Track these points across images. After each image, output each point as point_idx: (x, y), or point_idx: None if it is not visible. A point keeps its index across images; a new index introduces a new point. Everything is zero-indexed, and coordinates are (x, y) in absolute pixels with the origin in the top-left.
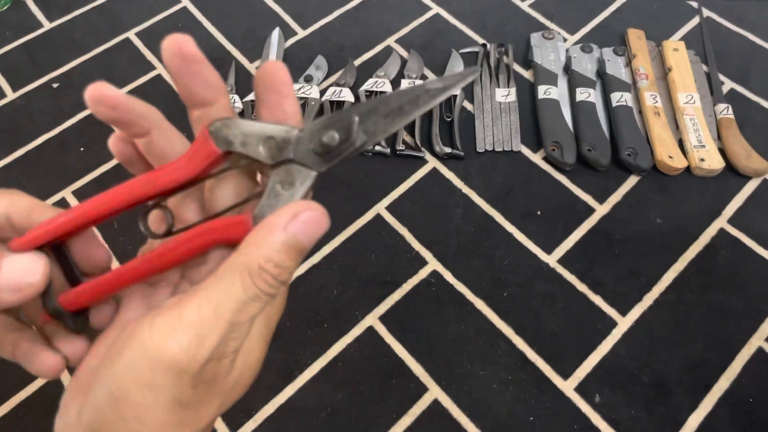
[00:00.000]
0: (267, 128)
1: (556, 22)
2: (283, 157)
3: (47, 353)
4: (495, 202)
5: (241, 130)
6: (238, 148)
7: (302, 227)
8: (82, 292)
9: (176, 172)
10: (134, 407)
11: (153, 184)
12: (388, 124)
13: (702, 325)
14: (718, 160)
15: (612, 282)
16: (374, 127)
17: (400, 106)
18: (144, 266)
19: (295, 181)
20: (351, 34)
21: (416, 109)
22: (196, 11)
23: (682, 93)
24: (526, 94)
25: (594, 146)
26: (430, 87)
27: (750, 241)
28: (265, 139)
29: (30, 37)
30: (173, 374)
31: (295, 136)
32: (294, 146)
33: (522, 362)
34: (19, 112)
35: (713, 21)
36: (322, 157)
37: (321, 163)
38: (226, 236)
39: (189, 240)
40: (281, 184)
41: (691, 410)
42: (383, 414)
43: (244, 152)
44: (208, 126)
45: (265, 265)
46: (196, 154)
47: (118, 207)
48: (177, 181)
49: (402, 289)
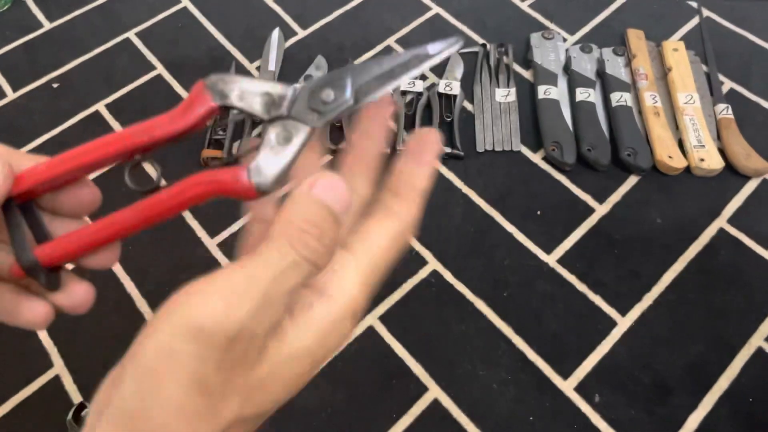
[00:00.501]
0: (264, 85)
1: (556, 22)
2: (279, 113)
3: (34, 301)
4: (495, 202)
5: (238, 85)
6: (234, 102)
7: (324, 191)
8: (62, 244)
9: (171, 124)
10: (152, 379)
11: (146, 134)
12: (380, 85)
13: (702, 325)
14: (718, 160)
15: (612, 282)
16: (367, 87)
17: (391, 68)
18: (132, 216)
19: (291, 136)
20: (351, 34)
21: (406, 72)
22: (196, 11)
23: (682, 93)
24: (526, 94)
25: (594, 146)
26: (419, 53)
27: (750, 241)
28: (261, 94)
29: (30, 37)
30: (198, 342)
31: (291, 93)
32: (290, 103)
33: (522, 362)
34: (19, 112)
35: (713, 21)
36: (318, 113)
37: (316, 119)
38: (222, 187)
39: (182, 191)
40: (277, 138)
41: (691, 410)
42: (383, 414)
43: (240, 106)
44: (204, 79)
45: (304, 225)
46: (191, 106)
47: (106, 158)
48: (171, 132)
49: (402, 289)
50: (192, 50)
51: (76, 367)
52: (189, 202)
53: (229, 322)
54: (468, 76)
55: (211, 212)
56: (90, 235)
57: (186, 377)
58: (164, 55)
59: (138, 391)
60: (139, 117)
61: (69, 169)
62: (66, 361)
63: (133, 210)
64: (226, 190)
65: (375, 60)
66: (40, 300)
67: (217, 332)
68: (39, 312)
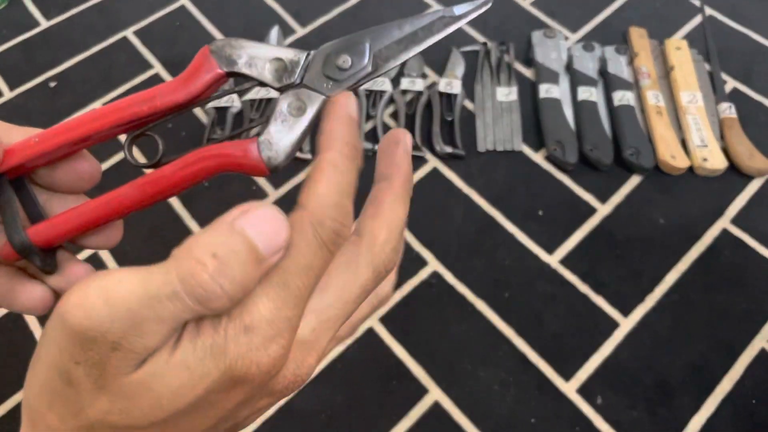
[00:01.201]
0: (274, 50)
1: (558, 20)
2: (292, 81)
3: (33, 285)
4: (496, 202)
5: (246, 51)
6: (242, 69)
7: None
8: (57, 223)
9: (173, 93)
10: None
11: (147, 103)
12: (402, 51)
13: (704, 326)
14: (721, 159)
15: (614, 282)
16: (387, 52)
17: (414, 31)
18: (133, 193)
19: (305, 106)
20: (350, 32)
21: (431, 36)
22: (194, 9)
23: (685, 92)
24: (528, 93)
25: (596, 146)
26: (444, 14)
27: (753, 242)
28: (272, 60)
29: (27, 36)
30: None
31: (305, 58)
32: (303, 69)
33: (523, 363)
34: (16, 111)
35: (716, 19)
36: (333, 81)
37: (332, 87)
38: (230, 161)
39: (188, 165)
40: (289, 109)
41: (694, 412)
42: (383, 416)
43: (249, 73)
44: (210, 45)
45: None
46: (195, 74)
47: (103, 129)
48: (173, 102)
49: (402, 289)
50: (190, 49)
51: None
52: (195, 177)
53: (85, 321)
54: (469, 75)
55: (210, 213)
56: (88, 213)
57: (49, 360)
58: (162, 54)
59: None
60: None
61: (64, 142)
62: None
63: (134, 186)
64: (235, 165)
65: (396, 22)
66: (37, 283)
67: (73, 326)
68: (36, 296)
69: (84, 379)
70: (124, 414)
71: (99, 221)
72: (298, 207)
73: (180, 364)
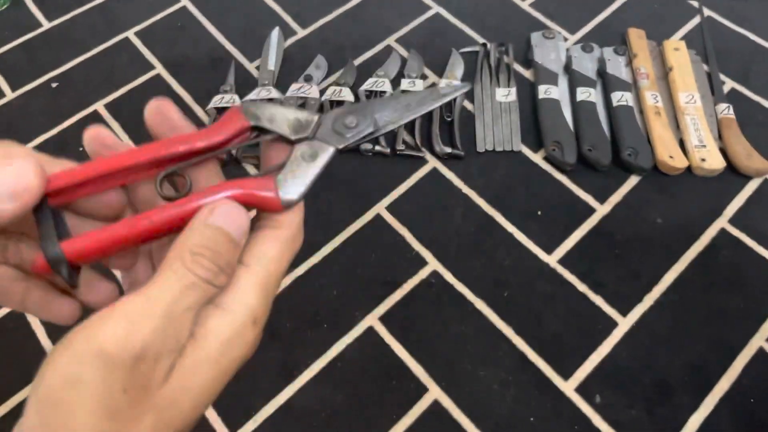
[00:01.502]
0: (292, 111)
1: (557, 21)
2: (306, 134)
3: (63, 299)
4: (495, 202)
5: (269, 110)
6: (264, 123)
7: (222, 218)
8: (86, 242)
9: (208, 137)
10: (60, 411)
11: (184, 144)
12: (398, 117)
13: (703, 325)
14: (719, 160)
15: (613, 282)
16: (387, 117)
17: (408, 104)
18: (159, 219)
19: (317, 154)
20: (351, 34)
21: (421, 107)
22: (195, 10)
23: (683, 93)
24: (527, 93)
25: (594, 146)
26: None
27: (751, 242)
28: (290, 118)
29: (29, 37)
30: (102, 366)
31: (317, 118)
32: (315, 126)
33: (522, 363)
34: (18, 112)
35: (714, 20)
36: (341, 136)
37: (339, 141)
38: (251, 198)
39: (214, 193)
40: (303, 156)
41: (692, 411)
42: (383, 415)
43: (270, 127)
44: (239, 105)
45: (196, 249)
46: (226, 124)
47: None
48: (208, 144)
49: (402, 289)
50: (191, 50)
51: None
52: None
53: (132, 342)
54: (468, 76)
55: None
56: (114, 235)
57: (94, 403)
58: (164, 55)
59: (43, 424)
60: (138, 117)
61: (100, 174)
62: None
63: (160, 212)
64: (254, 201)
65: (394, 96)
66: (67, 298)
67: (120, 353)
68: (66, 309)
69: (128, 404)
70: (168, 422)
71: (125, 243)
72: None
73: (205, 359)
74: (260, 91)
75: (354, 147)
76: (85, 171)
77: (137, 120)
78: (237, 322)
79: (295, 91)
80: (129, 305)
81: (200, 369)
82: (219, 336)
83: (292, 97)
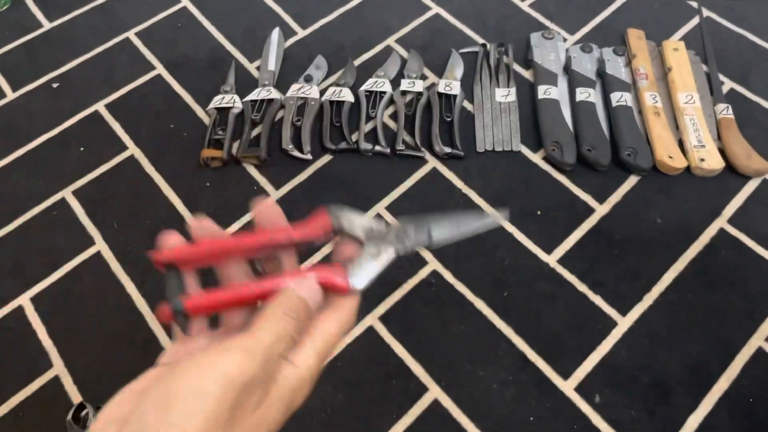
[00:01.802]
0: (366, 220)
1: (556, 22)
2: (375, 239)
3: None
4: (495, 202)
5: (348, 217)
6: (344, 227)
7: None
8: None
9: (305, 232)
10: (178, 412)
11: (285, 235)
12: (449, 232)
13: (702, 325)
14: (718, 160)
15: (612, 282)
16: (439, 233)
17: (458, 222)
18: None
19: (381, 253)
20: (351, 34)
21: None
22: (195, 11)
23: (682, 93)
24: (526, 94)
25: (594, 146)
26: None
27: (750, 241)
28: (364, 226)
29: (30, 37)
30: (223, 385)
31: (386, 228)
32: (383, 234)
33: (522, 362)
34: (19, 112)
35: (713, 21)
36: (402, 243)
37: (401, 246)
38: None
39: (298, 272)
40: (371, 253)
41: (691, 410)
42: (383, 414)
43: (349, 231)
44: (327, 208)
45: (287, 310)
46: (318, 224)
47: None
48: (304, 236)
49: (402, 289)
50: (192, 50)
51: (76, 367)
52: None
53: (246, 371)
54: (468, 76)
55: (211, 212)
56: (221, 298)
57: (208, 412)
58: (164, 55)
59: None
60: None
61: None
62: (66, 361)
63: (258, 285)
64: (329, 284)
65: (448, 215)
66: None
67: (238, 377)
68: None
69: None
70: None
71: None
72: None
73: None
74: (260, 91)
75: (354, 147)
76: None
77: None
78: (302, 377)
79: (295, 92)
80: (244, 342)
81: (276, 406)
82: (289, 384)
83: (292, 97)
